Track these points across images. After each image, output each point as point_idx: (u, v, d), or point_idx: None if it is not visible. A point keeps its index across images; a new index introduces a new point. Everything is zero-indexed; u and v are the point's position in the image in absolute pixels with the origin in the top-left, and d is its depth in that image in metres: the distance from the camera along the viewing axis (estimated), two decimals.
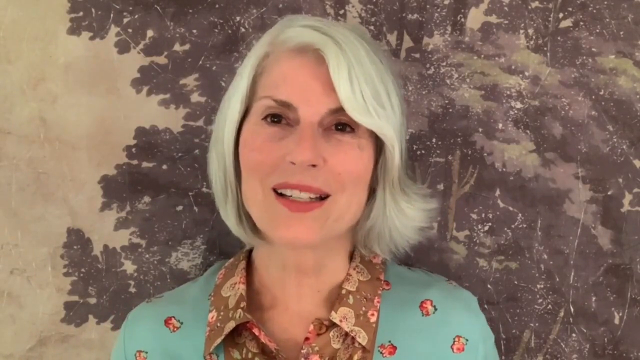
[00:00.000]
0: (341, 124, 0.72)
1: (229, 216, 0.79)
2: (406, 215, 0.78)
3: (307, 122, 0.70)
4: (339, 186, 0.71)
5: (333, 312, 0.75)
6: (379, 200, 0.77)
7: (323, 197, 0.71)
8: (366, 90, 0.69)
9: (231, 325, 0.75)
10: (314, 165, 0.69)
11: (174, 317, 0.80)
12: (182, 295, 0.84)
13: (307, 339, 0.75)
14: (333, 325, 0.75)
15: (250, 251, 0.83)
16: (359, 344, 0.74)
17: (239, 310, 0.75)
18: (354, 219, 0.75)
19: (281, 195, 0.70)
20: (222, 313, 0.77)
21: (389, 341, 0.76)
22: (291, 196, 0.70)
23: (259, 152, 0.71)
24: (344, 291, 0.77)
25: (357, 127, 0.72)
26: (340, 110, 0.70)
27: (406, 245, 0.82)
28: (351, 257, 0.81)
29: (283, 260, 0.77)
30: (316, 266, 0.77)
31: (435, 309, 0.79)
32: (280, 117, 0.71)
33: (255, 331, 0.74)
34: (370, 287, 0.79)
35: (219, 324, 0.76)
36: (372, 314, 0.77)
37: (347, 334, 0.75)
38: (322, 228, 0.71)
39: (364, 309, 0.76)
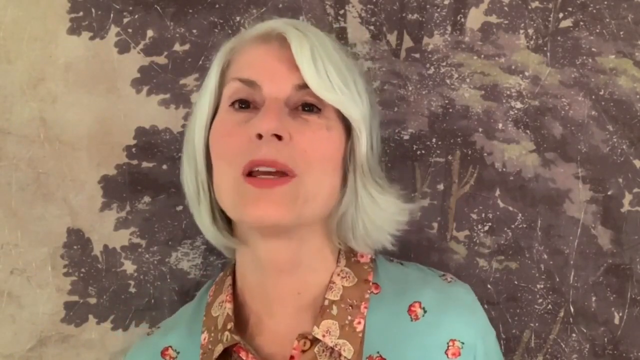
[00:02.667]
0: (308, 104, 0.71)
1: (202, 217, 0.77)
2: (379, 205, 0.74)
3: (272, 99, 0.70)
4: (305, 165, 0.69)
5: (315, 327, 0.71)
6: (350, 185, 0.74)
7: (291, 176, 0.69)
8: (330, 68, 0.70)
9: (219, 349, 0.73)
10: (279, 138, 0.68)
11: (170, 346, 0.79)
12: (178, 320, 0.83)
13: (292, 357, 0.71)
14: (318, 339, 0.71)
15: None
16: (345, 357, 0.70)
17: (226, 332, 0.73)
18: (327, 203, 0.72)
19: (249, 175, 0.68)
20: (212, 334, 0.75)
21: (377, 352, 0.71)
22: (258, 171, 0.68)
23: (228, 136, 0.71)
24: (326, 302, 0.73)
25: (324, 107, 0.71)
26: (304, 87, 0.70)
27: (386, 240, 0.77)
28: (336, 263, 0.77)
29: (259, 257, 0.73)
30: (292, 262, 0.73)
31: (425, 312, 0.73)
32: (248, 103, 0.71)
33: (243, 355, 0.72)
34: (357, 292, 0.74)
35: (210, 347, 0.75)
36: (359, 322, 0.72)
37: (333, 348, 0.71)
38: (293, 207, 0.68)
39: (349, 318, 0.72)
